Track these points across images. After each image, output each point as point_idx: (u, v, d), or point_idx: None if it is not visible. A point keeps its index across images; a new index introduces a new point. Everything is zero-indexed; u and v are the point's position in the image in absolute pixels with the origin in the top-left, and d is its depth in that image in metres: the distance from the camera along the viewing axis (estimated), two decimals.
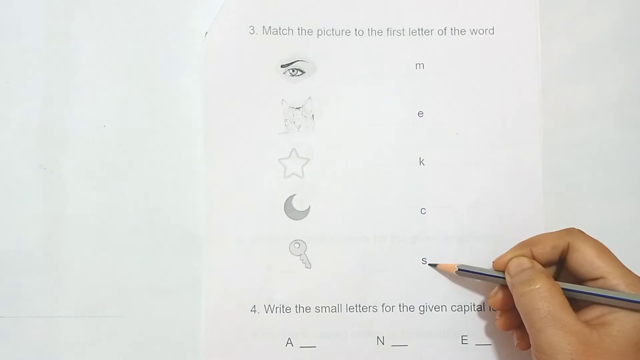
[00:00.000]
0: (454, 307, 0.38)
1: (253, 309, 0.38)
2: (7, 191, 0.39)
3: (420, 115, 0.40)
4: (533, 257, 0.35)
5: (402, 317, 0.38)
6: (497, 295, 0.36)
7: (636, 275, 0.33)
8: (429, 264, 0.38)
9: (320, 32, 0.40)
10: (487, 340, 0.38)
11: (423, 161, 0.39)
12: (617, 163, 0.40)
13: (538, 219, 0.39)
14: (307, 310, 0.38)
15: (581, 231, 0.35)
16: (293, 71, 0.40)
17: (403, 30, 0.40)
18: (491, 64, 0.40)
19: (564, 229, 0.35)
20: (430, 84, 0.40)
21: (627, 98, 0.40)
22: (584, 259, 0.33)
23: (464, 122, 0.39)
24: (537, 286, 0.33)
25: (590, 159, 0.40)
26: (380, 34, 0.40)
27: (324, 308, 0.38)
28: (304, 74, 0.40)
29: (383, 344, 0.38)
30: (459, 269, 0.37)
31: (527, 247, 0.35)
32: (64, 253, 0.38)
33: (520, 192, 0.39)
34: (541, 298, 0.32)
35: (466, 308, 0.38)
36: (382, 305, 0.38)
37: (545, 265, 0.35)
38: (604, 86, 0.40)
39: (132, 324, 0.38)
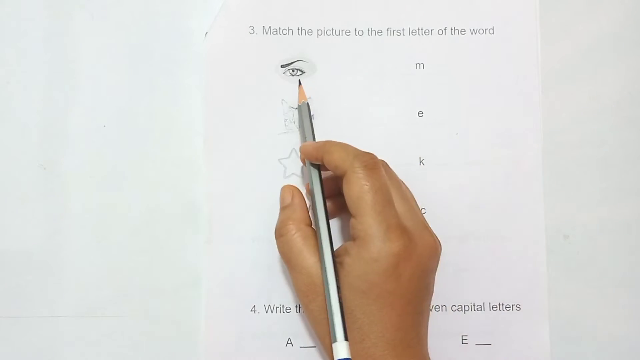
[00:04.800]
0: (454, 307, 0.38)
1: (253, 309, 0.38)
2: (7, 191, 0.39)
3: (420, 115, 0.40)
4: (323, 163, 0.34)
5: None
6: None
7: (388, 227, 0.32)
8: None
9: (320, 32, 0.40)
10: (487, 340, 0.38)
11: (423, 161, 0.39)
12: (617, 163, 0.40)
13: (538, 219, 0.39)
14: None
15: (366, 165, 0.33)
16: (293, 71, 0.40)
17: (403, 30, 0.40)
18: (491, 64, 0.40)
19: (363, 152, 0.34)
20: (430, 84, 0.40)
21: (627, 98, 0.40)
22: (348, 198, 0.33)
23: (464, 122, 0.39)
24: (284, 236, 0.35)
25: (590, 159, 0.40)
26: (380, 34, 0.40)
27: None
28: (304, 74, 0.40)
29: None
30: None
31: (321, 151, 0.34)
32: (64, 253, 0.38)
33: (520, 192, 0.39)
34: (288, 246, 0.35)
35: (466, 308, 0.38)
36: None
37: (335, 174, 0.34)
38: (604, 86, 0.40)
39: (132, 324, 0.38)
